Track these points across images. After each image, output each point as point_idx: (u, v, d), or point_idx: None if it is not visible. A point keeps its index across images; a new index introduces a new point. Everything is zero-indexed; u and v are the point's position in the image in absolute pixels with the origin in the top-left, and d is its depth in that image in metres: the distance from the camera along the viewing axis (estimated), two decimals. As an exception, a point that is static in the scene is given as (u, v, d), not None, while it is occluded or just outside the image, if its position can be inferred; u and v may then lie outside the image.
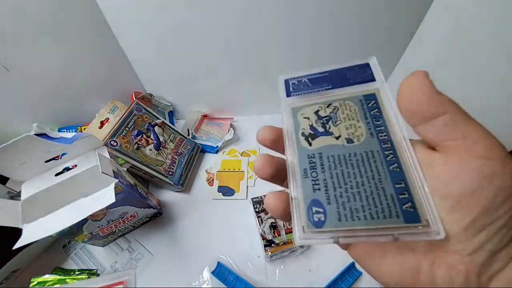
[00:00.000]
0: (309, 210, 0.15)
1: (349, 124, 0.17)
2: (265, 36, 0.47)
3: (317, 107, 0.18)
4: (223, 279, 0.41)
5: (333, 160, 0.16)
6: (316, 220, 0.15)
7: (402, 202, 0.14)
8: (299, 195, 0.16)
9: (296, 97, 0.19)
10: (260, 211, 0.45)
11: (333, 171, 0.16)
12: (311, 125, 0.18)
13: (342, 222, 0.14)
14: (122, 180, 0.37)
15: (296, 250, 0.43)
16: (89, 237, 0.40)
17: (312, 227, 0.15)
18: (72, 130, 0.54)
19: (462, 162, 0.13)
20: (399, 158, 0.15)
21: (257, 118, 0.65)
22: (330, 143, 0.17)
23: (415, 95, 0.14)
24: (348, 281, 0.41)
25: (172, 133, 0.54)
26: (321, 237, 0.15)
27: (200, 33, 0.47)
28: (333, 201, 0.15)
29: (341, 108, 0.17)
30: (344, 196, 0.15)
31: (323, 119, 0.18)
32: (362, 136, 0.16)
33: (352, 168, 0.15)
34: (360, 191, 0.15)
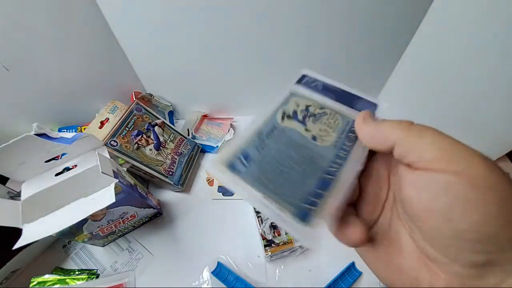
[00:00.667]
0: (237, 155, 0.16)
1: (324, 128, 0.18)
2: (266, 36, 0.47)
3: (311, 103, 0.20)
4: (223, 279, 0.41)
5: (289, 140, 0.17)
6: (236, 167, 0.16)
7: (308, 202, 0.15)
8: (241, 140, 0.17)
9: (302, 88, 0.21)
10: (260, 211, 0.45)
11: (282, 147, 0.17)
12: (295, 111, 0.19)
13: (255, 182, 0.15)
14: (122, 180, 0.37)
15: (296, 250, 0.43)
16: (89, 237, 0.40)
17: (229, 168, 0.16)
18: (72, 130, 0.54)
19: (425, 177, 0.13)
20: (338, 176, 0.16)
21: (257, 118, 0.65)
22: (298, 129, 0.18)
23: (362, 136, 0.16)
24: (348, 281, 0.41)
25: (172, 133, 0.54)
26: (228, 180, 0.15)
27: (201, 33, 0.47)
28: (260, 165, 0.16)
29: (328, 116, 0.19)
30: (272, 167, 0.16)
31: (308, 112, 0.19)
32: (326, 142, 0.18)
33: (297, 156, 0.17)
34: (288, 173, 0.16)
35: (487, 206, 0.12)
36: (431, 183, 0.13)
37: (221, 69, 0.54)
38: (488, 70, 0.43)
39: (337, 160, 0.17)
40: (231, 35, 0.47)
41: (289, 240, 0.42)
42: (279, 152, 0.17)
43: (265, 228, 0.43)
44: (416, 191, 0.14)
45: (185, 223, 0.49)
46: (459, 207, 0.12)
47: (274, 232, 0.43)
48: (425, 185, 0.13)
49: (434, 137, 0.14)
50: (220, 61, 0.52)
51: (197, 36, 0.47)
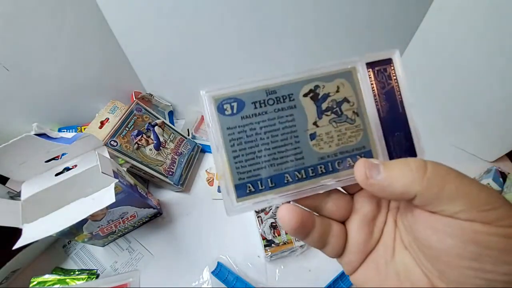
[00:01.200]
0: (226, 100, 0.17)
1: (332, 135, 0.17)
2: (266, 36, 0.47)
3: (353, 99, 0.17)
4: (223, 279, 0.41)
5: (289, 121, 0.16)
6: (225, 108, 0.17)
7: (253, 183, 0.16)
8: (245, 87, 0.16)
9: (365, 73, 0.17)
10: (260, 211, 0.45)
11: (277, 122, 0.16)
12: (327, 94, 0.16)
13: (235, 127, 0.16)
14: (122, 180, 0.37)
15: (296, 250, 0.43)
16: (89, 237, 0.40)
17: (217, 111, 0.17)
18: (72, 130, 0.54)
19: (449, 223, 0.13)
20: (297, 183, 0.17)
21: (257, 118, 0.65)
22: (307, 115, 0.16)
23: (375, 193, 0.15)
24: (348, 281, 0.41)
25: (172, 133, 0.54)
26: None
27: (200, 33, 0.47)
28: (246, 119, 0.16)
29: (351, 127, 0.17)
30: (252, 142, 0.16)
31: (338, 108, 0.17)
32: (320, 149, 0.17)
33: (281, 142, 0.16)
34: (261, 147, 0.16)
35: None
36: (457, 231, 0.13)
37: (222, 69, 0.54)
38: (488, 71, 0.43)
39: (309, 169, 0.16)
40: (231, 35, 0.47)
41: (289, 240, 0.42)
42: (269, 127, 0.16)
43: (265, 228, 0.43)
44: (438, 236, 0.13)
45: (185, 223, 0.49)
46: (490, 257, 0.12)
47: (274, 232, 0.43)
48: (450, 232, 0.13)
49: (457, 186, 0.13)
50: (220, 61, 0.52)
51: (197, 36, 0.47)
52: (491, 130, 0.50)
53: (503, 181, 0.44)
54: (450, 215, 0.13)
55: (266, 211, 0.45)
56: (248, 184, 0.16)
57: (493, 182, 0.44)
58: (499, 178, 0.45)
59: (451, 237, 0.13)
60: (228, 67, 0.54)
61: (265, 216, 0.45)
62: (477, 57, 0.43)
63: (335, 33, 0.47)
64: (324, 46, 0.49)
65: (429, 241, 0.14)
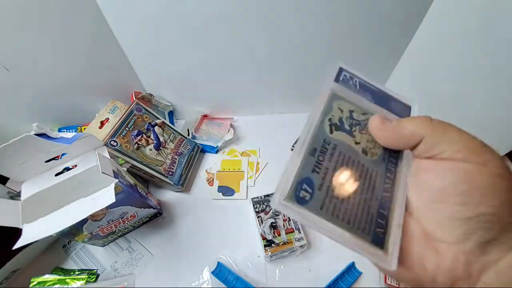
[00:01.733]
0: (299, 184, 0.15)
1: (371, 139, 0.18)
2: (266, 36, 0.47)
3: (354, 107, 0.19)
4: (223, 279, 0.41)
5: (343, 158, 0.17)
6: (301, 196, 0.15)
7: (378, 225, 0.15)
8: (296, 166, 0.16)
9: (341, 88, 0.20)
10: (260, 211, 0.45)
11: (338, 166, 0.16)
12: (341, 118, 0.18)
13: (322, 211, 0.15)
14: (122, 180, 0.37)
15: (296, 250, 0.43)
16: (89, 237, 0.40)
17: (294, 200, 0.15)
18: (72, 130, 0.54)
19: (445, 165, 0.15)
20: (393, 192, 0.16)
21: (257, 118, 0.65)
22: (348, 142, 0.17)
23: (385, 139, 0.17)
24: (348, 281, 0.41)
25: (172, 133, 0.54)
26: (296, 213, 0.15)
27: (201, 33, 0.47)
28: (324, 190, 0.15)
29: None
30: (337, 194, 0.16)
31: (353, 120, 0.18)
32: (375, 155, 0.17)
33: (355, 175, 0.16)
34: (351, 197, 0.16)
35: (503, 193, 0.14)
36: (454, 171, 0.15)
37: (221, 69, 0.54)
38: (488, 70, 0.43)
39: (388, 175, 0.17)
40: (231, 35, 0.47)
41: (289, 240, 0.42)
42: (337, 173, 0.16)
43: (265, 228, 0.43)
44: (438, 176, 0.15)
45: (185, 223, 0.49)
46: (478, 193, 0.14)
47: (274, 232, 0.43)
48: (448, 172, 0.15)
49: (456, 133, 0.16)
50: (220, 61, 0.52)
51: (197, 36, 0.47)
52: (490, 130, 0.50)
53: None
54: (449, 157, 0.15)
55: (266, 211, 0.45)
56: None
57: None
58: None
59: (448, 176, 0.15)
60: (228, 67, 0.54)
61: (265, 216, 0.45)
62: (477, 57, 0.43)
63: (334, 33, 0.47)
64: (322, 45, 0.49)
65: (430, 183, 0.16)
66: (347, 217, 0.15)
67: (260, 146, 0.59)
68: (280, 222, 0.44)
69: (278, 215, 0.45)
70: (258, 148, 0.59)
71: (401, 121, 0.17)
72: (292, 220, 0.44)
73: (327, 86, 0.19)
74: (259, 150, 0.59)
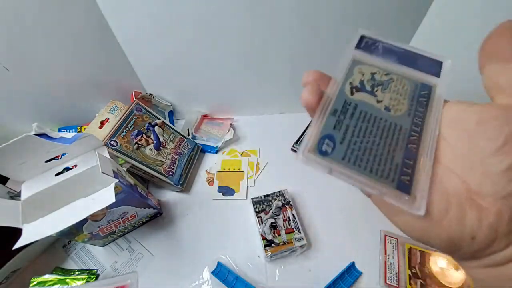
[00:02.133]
0: (321, 140, 0.16)
1: (395, 96, 0.18)
2: (266, 36, 0.47)
3: (376, 70, 0.19)
4: (223, 279, 0.41)
5: (364, 115, 0.17)
6: (323, 149, 0.16)
7: (402, 173, 0.16)
8: (320, 124, 0.17)
9: (363, 54, 0.20)
10: (260, 211, 0.45)
11: (359, 123, 0.17)
12: (362, 81, 0.19)
13: (344, 161, 0.16)
14: (122, 180, 0.37)
15: (296, 250, 0.43)
16: (89, 237, 0.40)
17: (316, 152, 0.16)
18: (72, 130, 0.54)
19: (504, 110, 0.14)
20: (420, 143, 0.16)
21: (257, 118, 0.65)
22: (369, 101, 0.18)
23: (506, 34, 0.15)
24: (348, 281, 0.41)
25: (172, 133, 0.54)
26: (319, 163, 0.16)
27: (201, 33, 0.47)
28: (345, 143, 0.16)
29: (396, 82, 0.19)
30: (357, 145, 0.16)
31: (375, 81, 0.19)
32: (400, 111, 0.17)
33: (376, 129, 0.17)
34: (373, 148, 0.16)
35: None
36: (498, 120, 0.13)
37: (221, 69, 0.54)
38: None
39: (414, 128, 0.17)
40: (231, 35, 0.47)
41: (289, 240, 0.42)
42: (358, 128, 0.17)
43: (265, 228, 0.43)
44: (479, 124, 0.14)
45: (185, 223, 0.49)
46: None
47: (274, 232, 0.43)
48: (491, 121, 0.14)
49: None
50: (220, 61, 0.52)
51: (198, 37, 0.47)
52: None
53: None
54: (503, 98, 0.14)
55: (266, 211, 0.45)
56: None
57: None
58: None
59: (493, 126, 0.14)
60: (228, 67, 0.54)
61: (265, 216, 0.45)
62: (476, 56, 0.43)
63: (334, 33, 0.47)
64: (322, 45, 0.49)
65: (470, 133, 0.14)
66: (370, 166, 0.16)
67: (260, 146, 0.59)
68: (280, 222, 0.44)
69: (278, 215, 0.45)
70: (258, 148, 0.59)
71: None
72: (292, 220, 0.44)
73: (347, 54, 0.20)
74: (259, 150, 0.59)
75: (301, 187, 0.52)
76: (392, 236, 0.44)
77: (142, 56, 0.52)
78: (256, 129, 0.63)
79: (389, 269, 0.41)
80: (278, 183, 0.50)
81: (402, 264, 0.41)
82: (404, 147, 0.16)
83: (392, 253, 0.43)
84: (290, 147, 0.58)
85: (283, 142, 0.59)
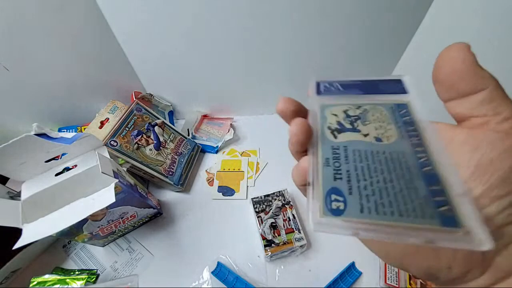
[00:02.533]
0: (327, 197, 0.14)
1: (378, 125, 0.17)
2: (266, 36, 0.47)
3: (347, 107, 0.18)
4: (223, 279, 0.41)
5: (358, 154, 0.15)
6: (335, 208, 0.14)
7: (438, 204, 0.13)
8: (319, 181, 0.15)
9: (327, 97, 0.19)
10: (260, 211, 0.45)
11: (358, 164, 0.15)
12: (339, 121, 0.17)
13: (364, 214, 0.13)
14: (122, 180, 0.37)
15: (296, 250, 0.43)
16: (89, 237, 0.40)
17: (328, 213, 0.13)
18: (72, 130, 0.54)
19: (485, 135, 0.13)
20: (434, 162, 0.14)
21: (257, 118, 0.65)
22: (357, 138, 0.16)
23: (456, 68, 0.14)
24: (348, 281, 0.41)
25: (172, 133, 0.54)
26: (337, 226, 0.13)
27: (201, 33, 0.47)
28: (355, 192, 0.14)
29: (371, 111, 0.17)
30: (369, 189, 0.14)
31: (351, 117, 0.17)
32: (392, 137, 0.16)
33: (379, 164, 0.15)
34: (388, 187, 0.14)
35: None
36: (494, 142, 0.13)
37: (222, 69, 0.54)
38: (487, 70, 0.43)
39: (417, 149, 0.15)
40: (232, 35, 0.47)
41: (289, 240, 0.42)
42: (360, 170, 0.15)
43: (265, 228, 0.43)
44: (476, 145, 0.13)
45: (185, 223, 0.49)
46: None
47: (274, 232, 0.43)
48: (487, 141, 0.13)
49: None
50: (220, 61, 0.52)
51: (198, 37, 0.47)
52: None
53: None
54: (496, 123, 0.13)
55: (266, 211, 0.45)
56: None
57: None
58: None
59: (471, 144, 0.13)
60: (228, 67, 0.54)
61: (265, 216, 0.45)
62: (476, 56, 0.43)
63: (334, 33, 0.47)
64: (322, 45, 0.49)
65: (466, 158, 0.14)
66: (396, 209, 0.13)
67: (260, 146, 0.59)
68: (280, 222, 0.44)
69: (278, 215, 0.45)
70: (258, 148, 0.59)
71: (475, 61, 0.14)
72: (292, 220, 0.44)
73: (312, 102, 0.19)
74: (259, 150, 0.59)
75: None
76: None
77: (142, 56, 0.52)
78: (256, 129, 0.63)
79: (389, 269, 0.41)
80: (278, 183, 0.50)
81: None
82: (420, 174, 0.14)
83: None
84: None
85: (283, 142, 0.58)
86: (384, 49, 0.50)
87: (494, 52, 0.42)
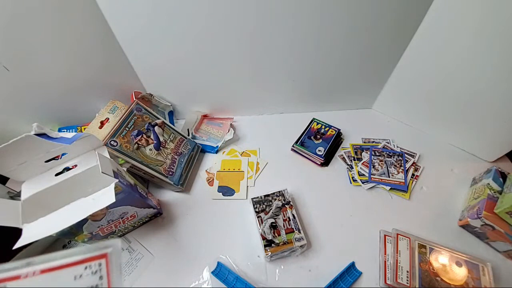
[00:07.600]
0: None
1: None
2: (266, 37, 0.47)
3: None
4: (223, 279, 0.41)
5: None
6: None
7: None
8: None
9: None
10: (260, 211, 0.45)
11: None
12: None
13: None
14: (122, 180, 0.37)
15: (296, 250, 0.43)
16: (89, 237, 0.40)
17: None
18: (72, 130, 0.54)
19: None
20: None
21: (257, 118, 0.65)
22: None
23: None
24: (348, 281, 0.41)
25: (172, 133, 0.54)
26: None
27: (201, 33, 0.47)
28: None
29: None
30: None
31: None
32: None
33: None
34: None
35: None
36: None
37: (222, 69, 0.54)
38: (488, 70, 0.43)
39: None
40: (232, 36, 0.47)
41: (289, 240, 0.42)
42: None
43: (265, 228, 0.43)
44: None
45: (185, 223, 0.49)
46: None
47: (274, 232, 0.43)
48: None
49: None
50: (221, 62, 0.52)
51: (198, 37, 0.47)
52: (491, 130, 0.50)
53: (503, 181, 0.44)
54: None
55: (266, 211, 0.45)
56: None
57: (493, 182, 0.44)
58: (499, 178, 0.45)
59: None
60: (228, 68, 0.54)
61: (265, 216, 0.45)
62: (477, 57, 0.43)
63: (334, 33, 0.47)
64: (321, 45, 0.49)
65: None
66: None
67: (260, 146, 0.60)
68: (280, 222, 0.44)
69: (278, 215, 0.45)
70: (258, 148, 0.59)
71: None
72: (292, 220, 0.44)
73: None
74: (259, 150, 0.59)
75: (301, 187, 0.52)
76: (392, 236, 0.44)
77: (142, 56, 0.52)
78: (256, 129, 0.63)
79: (389, 269, 0.41)
80: (278, 183, 0.50)
81: (402, 263, 0.41)
82: None
83: (392, 252, 0.43)
84: (290, 147, 0.58)
85: (283, 142, 0.59)
86: (382, 53, 0.50)
87: (494, 53, 0.42)
